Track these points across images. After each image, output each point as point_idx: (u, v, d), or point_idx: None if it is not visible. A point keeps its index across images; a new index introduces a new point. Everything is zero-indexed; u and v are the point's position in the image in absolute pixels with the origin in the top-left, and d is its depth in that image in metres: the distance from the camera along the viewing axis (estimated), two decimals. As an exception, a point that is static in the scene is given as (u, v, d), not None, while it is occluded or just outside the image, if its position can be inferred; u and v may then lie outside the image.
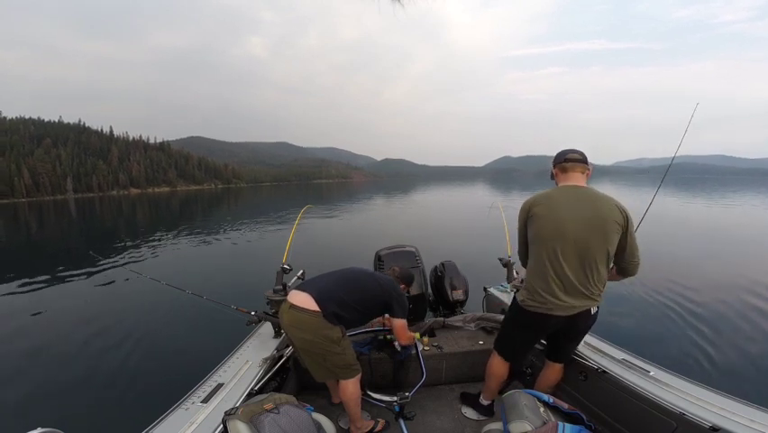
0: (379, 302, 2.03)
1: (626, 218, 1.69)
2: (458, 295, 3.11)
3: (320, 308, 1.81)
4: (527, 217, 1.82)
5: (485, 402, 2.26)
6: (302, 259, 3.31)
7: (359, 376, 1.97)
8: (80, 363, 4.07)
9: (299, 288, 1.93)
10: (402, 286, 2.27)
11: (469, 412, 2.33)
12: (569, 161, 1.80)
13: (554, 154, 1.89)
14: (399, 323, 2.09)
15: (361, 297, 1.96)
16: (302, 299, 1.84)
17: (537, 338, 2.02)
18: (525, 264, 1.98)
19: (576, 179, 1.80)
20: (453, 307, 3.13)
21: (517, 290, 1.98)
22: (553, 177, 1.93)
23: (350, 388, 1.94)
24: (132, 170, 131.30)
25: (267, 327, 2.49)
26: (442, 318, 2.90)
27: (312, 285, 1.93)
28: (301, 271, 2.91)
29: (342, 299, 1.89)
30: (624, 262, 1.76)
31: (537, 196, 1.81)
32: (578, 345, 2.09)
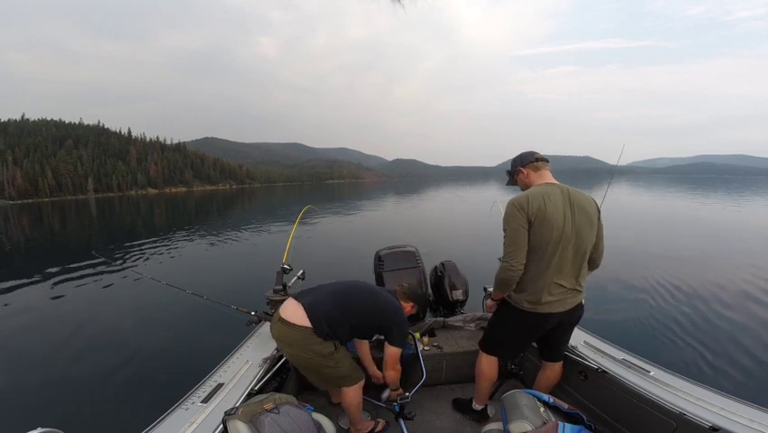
0: (376, 325, 1.91)
1: (599, 209, 1.82)
2: (458, 295, 3.11)
3: (311, 322, 1.70)
4: (528, 217, 1.67)
5: (477, 407, 2.24)
6: (302, 259, 3.32)
7: (360, 383, 1.93)
8: (80, 363, 4.07)
9: (289, 300, 1.83)
10: (410, 304, 2.07)
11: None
12: (539, 160, 1.85)
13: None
14: (393, 351, 1.92)
15: (357, 317, 1.82)
16: (292, 313, 1.74)
17: (533, 339, 1.99)
18: (513, 272, 1.73)
19: (549, 177, 1.85)
20: (453, 307, 3.12)
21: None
22: (512, 177, 1.96)
23: (350, 394, 1.90)
24: (150, 170, 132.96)
25: (267, 327, 2.49)
26: (442, 318, 2.89)
27: (305, 296, 1.82)
28: (301, 271, 2.91)
29: (335, 315, 1.76)
30: (596, 253, 1.83)
31: (531, 195, 1.72)
32: (569, 338, 2.08)
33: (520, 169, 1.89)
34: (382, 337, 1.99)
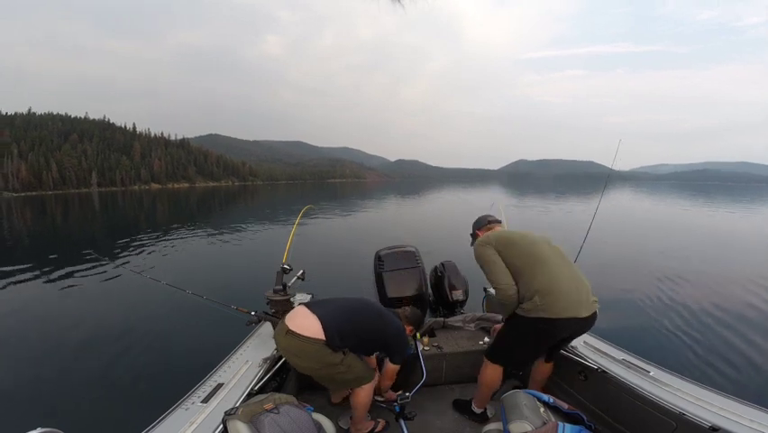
0: (380, 342, 2.00)
1: None
2: (458, 295, 3.11)
3: (325, 334, 1.71)
4: (497, 247, 1.94)
5: (477, 410, 2.24)
6: (302, 259, 3.31)
7: (373, 382, 1.95)
8: (79, 363, 4.07)
9: (299, 309, 1.85)
10: (410, 328, 2.21)
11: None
12: (492, 222, 2.27)
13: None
14: (393, 368, 2.08)
15: (364, 333, 1.89)
16: (302, 324, 1.73)
17: (546, 347, 1.97)
18: (509, 291, 1.84)
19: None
20: (453, 307, 3.13)
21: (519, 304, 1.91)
22: (474, 238, 2.27)
23: (362, 394, 1.92)
24: (154, 165, 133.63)
25: (267, 327, 2.49)
26: (442, 318, 2.89)
27: (317, 308, 1.83)
28: (301, 271, 2.90)
29: (347, 329, 1.80)
30: None
31: (491, 233, 2.08)
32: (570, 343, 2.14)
33: (477, 232, 2.26)
34: (383, 356, 2.13)
